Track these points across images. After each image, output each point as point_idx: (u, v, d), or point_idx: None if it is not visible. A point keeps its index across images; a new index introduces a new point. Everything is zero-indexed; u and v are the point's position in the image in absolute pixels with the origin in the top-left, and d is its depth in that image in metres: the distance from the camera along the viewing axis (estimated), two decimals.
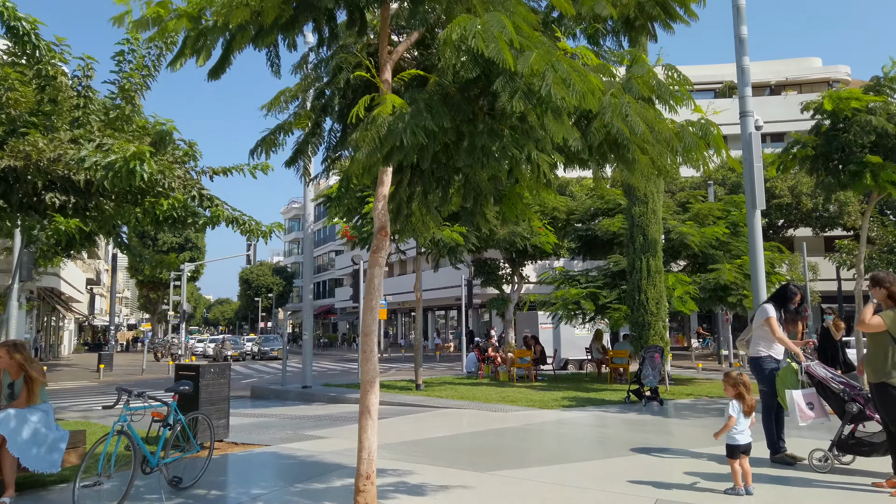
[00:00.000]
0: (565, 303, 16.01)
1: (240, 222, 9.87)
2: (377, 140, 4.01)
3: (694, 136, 4.79)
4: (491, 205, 5.97)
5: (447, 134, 4.35)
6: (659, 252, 14.58)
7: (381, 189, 4.91)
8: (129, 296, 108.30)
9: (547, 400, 12.61)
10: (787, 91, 45.40)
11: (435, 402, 12.51)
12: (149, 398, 5.14)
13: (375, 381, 4.63)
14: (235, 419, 11.58)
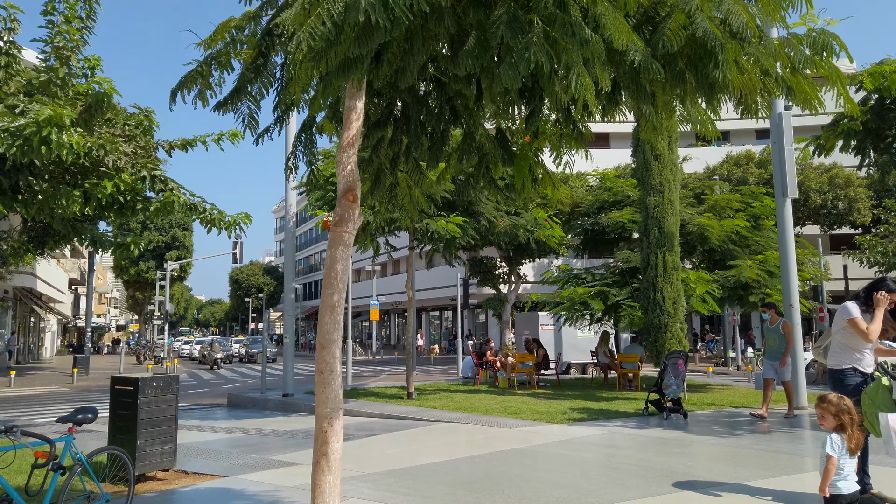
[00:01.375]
0: (572, 303, 14.61)
1: (199, 210, 8.42)
2: (328, 23, 2.53)
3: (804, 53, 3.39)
4: (499, 168, 4.52)
5: (443, 20, 2.92)
6: (676, 246, 13.21)
7: (347, 133, 3.48)
8: (118, 296, 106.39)
9: (554, 412, 11.20)
10: None
11: (428, 415, 11.08)
12: (23, 435, 3.69)
13: (338, 414, 3.20)
14: (200, 435, 10.13)
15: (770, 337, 10.45)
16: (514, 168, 4.68)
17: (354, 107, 3.41)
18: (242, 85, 3.95)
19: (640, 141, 13.54)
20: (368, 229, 11.73)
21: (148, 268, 53.88)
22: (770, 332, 10.45)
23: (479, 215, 12.54)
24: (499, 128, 4.67)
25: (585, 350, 21.81)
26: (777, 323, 10.40)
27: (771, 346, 10.40)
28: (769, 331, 10.46)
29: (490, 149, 4.52)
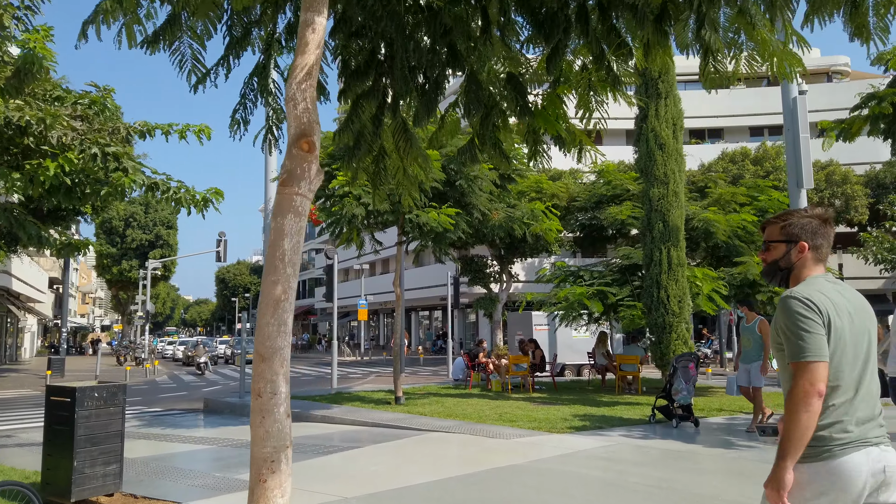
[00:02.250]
0: (569, 302, 13.77)
1: (162, 189, 7.50)
2: None
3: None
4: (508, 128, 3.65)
5: None
6: (681, 241, 12.41)
7: (303, 58, 2.58)
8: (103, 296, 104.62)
9: (553, 419, 10.35)
10: None
11: (417, 423, 10.20)
12: None
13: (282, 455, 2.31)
14: (164, 447, 9.21)
15: (745, 338, 9.20)
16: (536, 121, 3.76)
17: (312, 21, 2.53)
18: (178, 13, 3.04)
19: (644, 129, 12.73)
20: (354, 222, 10.83)
21: (131, 266, 52.60)
22: (746, 331, 9.20)
23: (471, 207, 11.67)
24: (511, 74, 3.77)
25: (581, 351, 21.00)
26: (753, 322, 9.12)
27: (746, 348, 9.18)
28: (745, 330, 9.22)
29: (501, 96, 3.63)
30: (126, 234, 52.98)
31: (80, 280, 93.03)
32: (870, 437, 2.17)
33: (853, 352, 2.22)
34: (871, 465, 2.14)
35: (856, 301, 2.31)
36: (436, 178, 10.92)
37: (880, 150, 39.48)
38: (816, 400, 2.10)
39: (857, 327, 2.25)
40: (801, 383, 2.12)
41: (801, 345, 2.15)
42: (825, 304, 2.20)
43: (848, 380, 2.20)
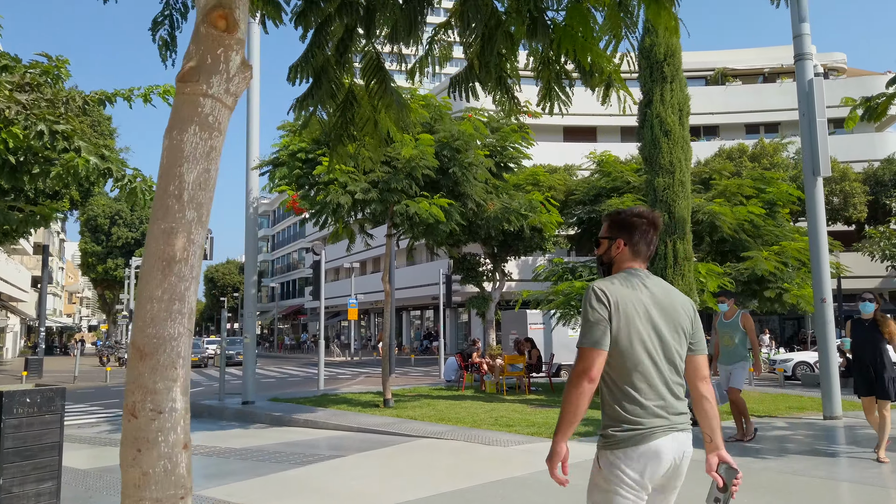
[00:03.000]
0: (568, 298, 13.03)
1: (115, 176, 6.69)
2: None
3: None
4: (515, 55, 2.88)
5: None
6: (688, 234, 11.70)
7: None
8: (90, 296, 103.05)
9: (553, 423, 9.56)
10: (783, 79, 43.16)
11: (407, 428, 9.43)
12: None
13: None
14: None
15: (726, 335, 8.15)
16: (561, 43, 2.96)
17: None
18: None
19: (648, 115, 12.01)
20: (340, 212, 10.04)
21: (116, 265, 51.46)
22: (726, 327, 8.13)
23: (465, 198, 10.91)
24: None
25: None
26: (735, 316, 8.12)
27: (727, 346, 8.12)
28: (724, 326, 8.17)
29: (508, 12, 2.86)
30: (111, 232, 51.85)
31: (67, 279, 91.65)
32: (676, 425, 2.30)
33: (651, 343, 2.30)
34: (675, 450, 2.29)
35: (665, 298, 2.39)
36: (428, 166, 10.17)
37: (878, 147, 39.11)
38: (587, 383, 2.24)
39: (658, 321, 2.33)
40: (577, 367, 2.28)
41: (583, 331, 2.29)
42: (620, 297, 2.30)
43: (647, 370, 2.29)
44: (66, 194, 22.88)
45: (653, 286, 2.41)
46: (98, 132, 23.85)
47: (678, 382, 2.37)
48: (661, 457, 2.26)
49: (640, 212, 2.51)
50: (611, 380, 2.36)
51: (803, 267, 13.43)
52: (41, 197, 22.65)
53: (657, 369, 2.32)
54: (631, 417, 2.28)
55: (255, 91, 12.74)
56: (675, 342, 2.38)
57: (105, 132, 24.20)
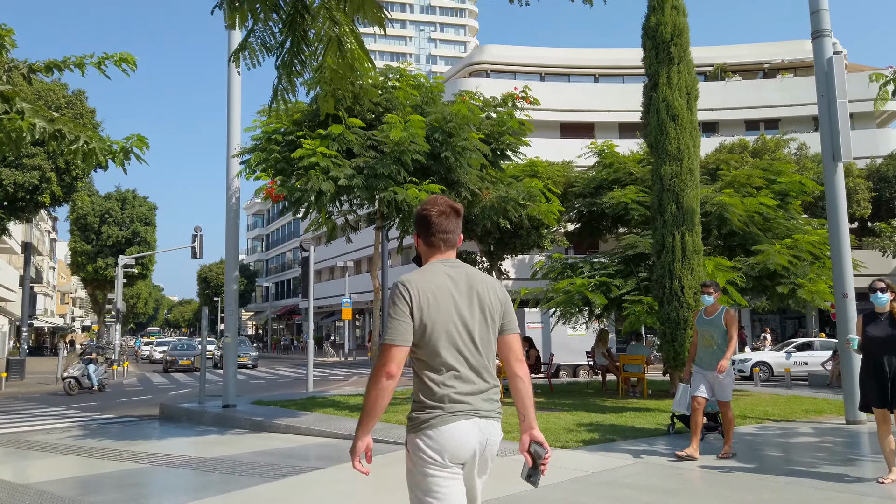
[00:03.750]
0: (569, 297, 12.28)
1: (69, 138, 5.93)
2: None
3: None
4: None
5: None
6: (697, 225, 10.97)
7: None
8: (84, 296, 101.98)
9: (555, 429, 8.85)
10: (783, 74, 42.52)
11: (396, 434, 8.65)
12: None
13: None
14: (90, 465, 7.62)
15: (706, 333, 6.92)
16: None
17: None
18: None
19: (654, 99, 11.27)
20: (322, 200, 9.26)
21: (107, 265, 50.52)
22: (707, 325, 6.95)
23: (459, 186, 10.14)
24: None
25: (577, 350, 19.60)
26: (718, 312, 6.90)
27: (707, 347, 6.89)
28: (705, 323, 6.97)
29: None
30: (101, 231, 50.97)
31: (59, 279, 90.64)
32: (479, 410, 2.35)
33: (456, 331, 2.36)
34: (478, 434, 2.33)
35: (470, 284, 2.43)
36: (419, 150, 9.40)
37: (880, 143, 38.48)
38: (385, 379, 2.30)
39: (463, 309, 2.38)
40: (377, 363, 2.33)
41: (386, 328, 2.34)
42: (422, 289, 2.35)
43: (449, 357, 2.35)
44: (45, 189, 22.10)
45: (457, 275, 2.43)
46: (80, 124, 23.02)
47: (486, 367, 2.40)
48: (460, 439, 2.29)
49: (428, 201, 2.52)
50: (418, 368, 2.40)
51: (817, 262, 12.70)
52: (20, 192, 21.86)
53: (462, 356, 2.36)
54: (431, 402, 2.32)
55: (235, 75, 11.95)
56: (483, 327, 2.42)
57: (88, 124, 23.35)
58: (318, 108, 10.05)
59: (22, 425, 12.16)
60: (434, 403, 2.33)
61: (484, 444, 2.35)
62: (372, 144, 9.64)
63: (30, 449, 9.25)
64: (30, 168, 21.17)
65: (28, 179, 21.04)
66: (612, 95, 41.68)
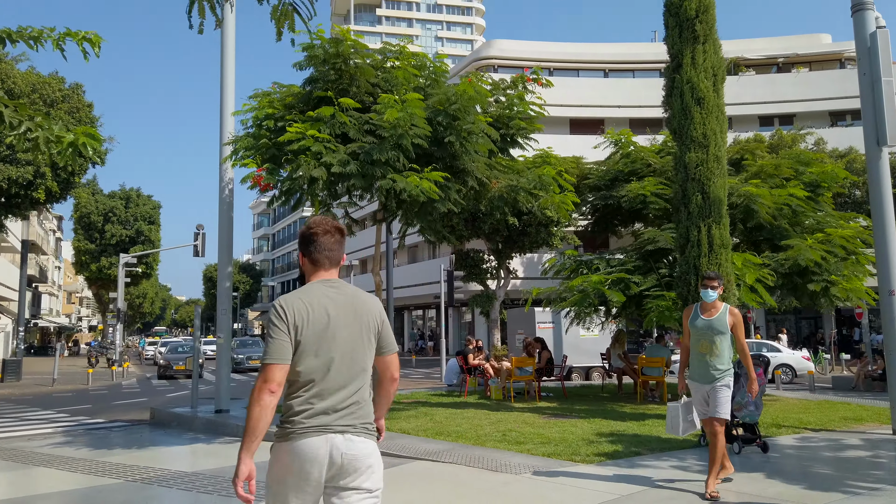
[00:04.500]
0: (584, 295, 11.44)
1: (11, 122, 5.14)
2: None
3: None
4: None
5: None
6: (724, 217, 10.11)
7: None
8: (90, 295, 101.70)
9: (572, 440, 8.03)
10: (798, 68, 41.46)
11: (398, 445, 7.85)
12: None
13: None
14: (58, 478, 6.87)
15: (703, 337, 5.47)
16: None
17: None
18: None
19: (677, 81, 10.42)
20: (314, 188, 8.47)
21: (110, 263, 50.03)
22: (705, 327, 5.48)
23: (465, 174, 9.33)
24: None
25: (589, 351, 18.75)
26: (721, 311, 5.50)
27: (703, 354, 5.47)
28: (702, 325, 5.48)
29: None
30: (105, 230, 50.54)
31: (65, 279, 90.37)
32: (333, 425, 2.38)
33: (327, 349, 2.42)
34: (330, 448, 2.36)
35: (348, 303, 2.50)
36: (419, 134, 8.59)
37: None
38: (267, 396, 2.33)
39: (339, 328, 2.45)
40: (258, 381, 2.36)
41: (265, 348, 2.40)
42: (298, 311, 2.42)
43: (315, 374, 2.40)
44: (41, 184, 21.46)
45: (336, 294, 2.51)
46: (76, 119, 22.38)
47: (353, 384, 2.45)
48: (309, 455, 2.34)
49: (313, 221, 2.61)
50: (290, 382, 2.44)
51: (850, 257, 11.82)
52: (14, 187, 21.23)
53: (331, 374, 2.42)
54: (291, 416, 2.39)
55: (229, 57, 11.18)
56: (359, 346, 2.49)
57: (84, 119, 22.69)
58: (311, 90, 9.26)
59: (4, 430, 11.46)
60: (293, 418, 2.39)
61: (339, 457, 2.37)
62: (370, 129, 8.85)
63: (3, 458, 8.52)
64: (24, 163, 20.52)
65: (22, 174, 20.39)
66: (623, 90, 40.81)
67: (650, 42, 47.20)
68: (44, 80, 22.16)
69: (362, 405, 2.47)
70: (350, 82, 8.94)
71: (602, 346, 19.06)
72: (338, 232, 2.60)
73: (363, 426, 2.44)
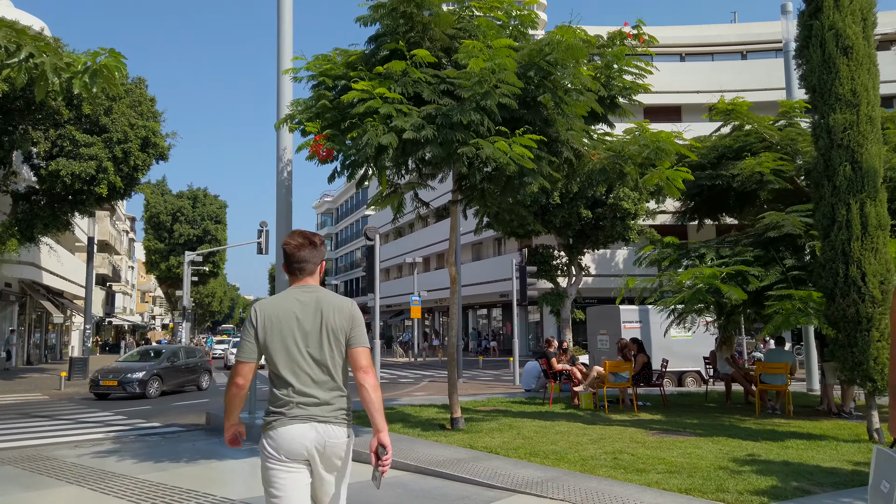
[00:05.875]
0: (696, 291, 9.65)
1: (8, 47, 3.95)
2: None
3: None
4: None
5: None
6: (881, 192, 8.20)
7: None
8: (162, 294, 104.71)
9: (705, 467, 6.36)
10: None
11: (487, 471, 6.37)
12: None
13: None
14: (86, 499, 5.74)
15: None
16: None
17: None
18: None
19: (815, 29, 8.56)
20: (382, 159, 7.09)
21: (178, 262, 50.67)
22: None
23: (558, 143, 7.77)
24: None
25: (681, 354, 16.83)
26: None
27: None
28: None
29: None
30: (173, 230, 51.31)
31: (139, 279, 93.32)
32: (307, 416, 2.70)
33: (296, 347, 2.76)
34: (315, 436, 2.69)
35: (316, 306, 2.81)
36: (507, 93, 7.07)
37: None
38: (234, 388, 2.79)
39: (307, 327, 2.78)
40: (230, 374, 2.80)
41: (238, 347, 2.84)
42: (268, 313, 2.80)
43: (287, 372, 2.75)
44: (102, 179, 21.10)
45: (307, 299, 2.83)
46: (138, 112, 21.95)
47: (325, 380, 2.77)
48: (291, 441, 2.67)
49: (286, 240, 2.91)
50: (270, 377, 2.87)
51: None
52: (77, 183, 20.94)
53: (300, 368, 2.75)
54: (273, 408, 2.76)
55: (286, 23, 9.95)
56: (327, 345, 2.78)
57: (147, 113, 22.25)
58: (376, 48, 7.89)
59: (54, 435, 10.66)
60: (275, 409, 2.75)
61: (322, 444, 2.69)
62: (446, 90, 7.41)
63: (37, 471, 7.54)
64: (86, 158, 20.15)
65: (84, 169, 20.01)
66: (701, 75, 38.19)
67: (729, 23, 44.16)
68: None
69: (334, 396, 2.77)
70: (423, 34, 7.53)
71: (694, 349, 17.09)
72: (311, 244, 2.89)
73: (333, 414, 2.73)
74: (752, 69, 37.45)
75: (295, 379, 2.71)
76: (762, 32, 40.45)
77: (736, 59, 40.86)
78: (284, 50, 9.27)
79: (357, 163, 7.11)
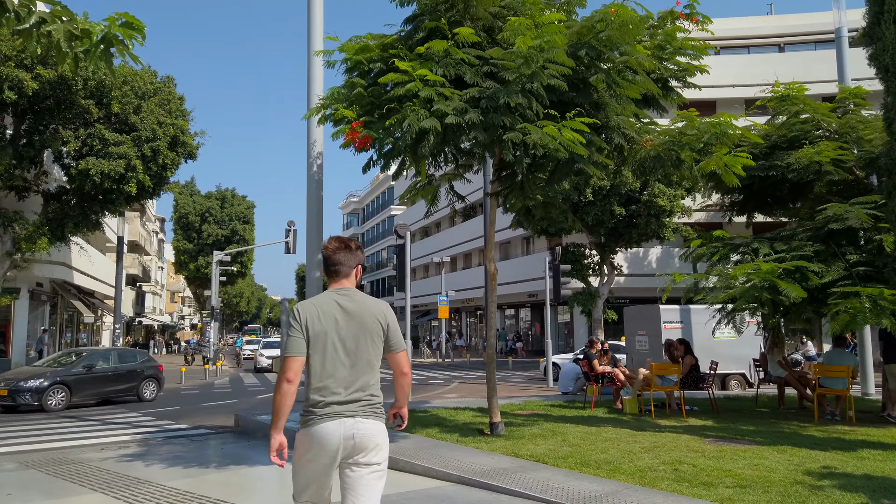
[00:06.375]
0: (751, 287, 9.00)
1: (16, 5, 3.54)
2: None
3: None
4: None
5: None
6: None
7: None
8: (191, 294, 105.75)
9: (779, 481, 5.77)
10: None
11: (537, 482, 5.85)
12: None
13: None
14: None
15: None
16: None
17: None
18: None
19: (888, 2, 7.87)
20: (423, 147, 6.61)
21: (207, 263, 50.91)
22: None
23: (608, 130, 7.22)
24: None
25: (724, 356, 16.05)
26: None
27: None
28: None
29: None
30: (202, 230, 51.59)
31: (168, 279, 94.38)
32: (345, 412, 2.84)
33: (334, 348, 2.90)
34: (343, 431, 2.82)
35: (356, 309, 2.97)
36: (556, 73, 6.54)
37: None
38: (285, 384, 2.83)
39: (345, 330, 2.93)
40: (280, 371, 2.87)
41: (284, 344, 2.93)
42: (310, 313, 2.94)
43: (329, 368, 2.89)
44: (132, 178, 21.01)
45: (346, 302, 2.97)
46: (166, 111, 21.83)
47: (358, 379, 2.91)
48: (324, 438, 2.80)
49: (325, 244, 3.10)
50: (307, 376, 2.96)
51: None
52: (107, 182, 20.88)
53: (336, 369, 2.89)
54: (309, 408, 2.87)
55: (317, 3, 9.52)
56: (364, 346, 2.94)
57: (175, 111, 22.12)
58: (413, 29, 7.42)
59: (82, 436, 10.41)
60: (310, 408, 2.87)
61: (350, 436, 2.82)
62: (489, 71, 6.91)
63: (61, 476, 7.22)
64: (115, 156, 20.06)
65: (114, 168, 19.92)
66: (736, 68, 37.07)
67: (765, 15, 42.92)
68: (135, 73, 21.73)
69: (370, 395, 2.93)
70: (464, 13, 7.04)
71: (739, 350, 16.34)
72: (346, 248, 3.08)
73: (371, 411, 2.90)
74: (789, 62, 36.25)
75: (331, 379, 2.86)
76: (800, 24, 39.25)
77: (773, 52, 39.66)
78: (315, 31, 8.84)
79: (395, 151, 6.63)
